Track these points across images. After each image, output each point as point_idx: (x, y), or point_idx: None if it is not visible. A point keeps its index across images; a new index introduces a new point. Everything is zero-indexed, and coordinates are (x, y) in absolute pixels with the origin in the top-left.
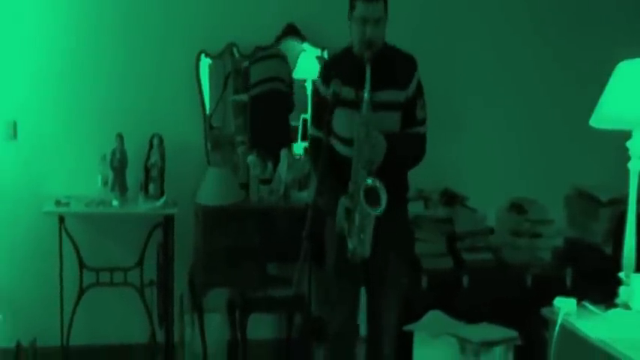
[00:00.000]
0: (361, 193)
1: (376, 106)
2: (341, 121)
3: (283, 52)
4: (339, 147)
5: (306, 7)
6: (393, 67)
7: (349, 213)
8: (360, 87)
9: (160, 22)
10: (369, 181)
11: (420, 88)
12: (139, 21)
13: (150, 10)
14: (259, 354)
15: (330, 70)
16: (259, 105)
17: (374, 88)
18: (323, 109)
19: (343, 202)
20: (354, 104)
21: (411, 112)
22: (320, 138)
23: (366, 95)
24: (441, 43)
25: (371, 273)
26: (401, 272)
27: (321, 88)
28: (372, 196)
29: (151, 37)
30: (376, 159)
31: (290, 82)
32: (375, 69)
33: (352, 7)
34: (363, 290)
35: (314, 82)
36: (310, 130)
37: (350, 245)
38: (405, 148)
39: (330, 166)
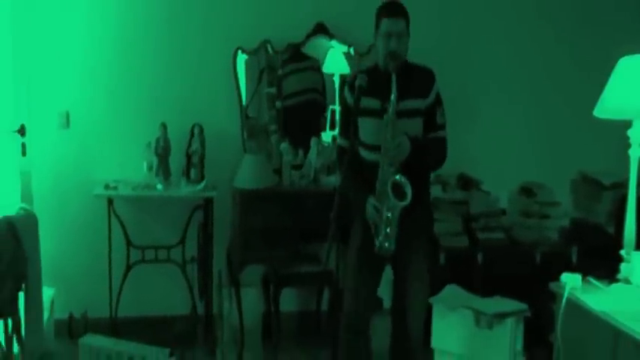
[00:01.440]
0: (389, 188)
1: (400, 114)
2: (367, 129)
3: (318, 62)
4: (365, 153)
5: (334, 8)
6: (414, 79)
7: (377, 211)
8: (385, 98)
9: (200, 21)
10: (397, 177)
11: (438, 97)
12: (182, 20)
13: (192, 9)
14: (291, 325)
15: (357, 81)
16: (293, 113)
17: (399, 98)
18: (346, 117)
19: (371, 201)
20: (379, 113)
21: (432, 118)
22: (345, 147)
23: (392, 98)
24: (459, 43)
25: (396, 266)
26: (425, 264)
27: (348, 98)
28: (398, 190)
29: (192, 34)
30: (401, 157)
31: (323, 92)
32: (398, 80)
33: (377, 26)
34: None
35: (341, 95)
36: (338, 141)
37: (378, 241)
38: (428, 149)
39: (358, 171)
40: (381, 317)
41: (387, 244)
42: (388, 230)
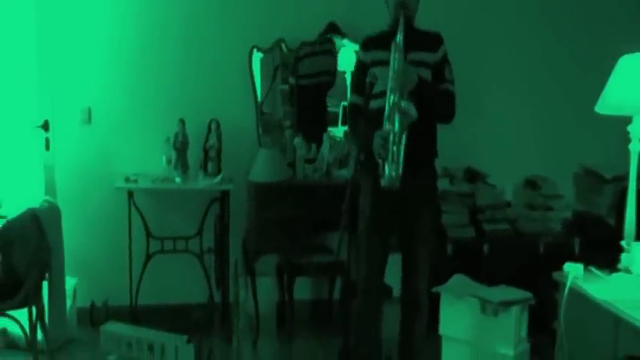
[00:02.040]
0: (395, 111)
1: (411, 64)
2: (377, 79)
3: (335, 47)
4: (374, 103)
5: (346, 8)
6: (423, 37)
7: (385, 142)
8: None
9: (217, 21)
10: (403, 103)
11: (447, 57)
12: (200, 20)
13: (209, 10)
14: (304, 313)
15: (370, 41)
16: (304, 93)
17: (407, 49)
18: (363, 73)
19: (379, 133)
20: (388, 63)
21: (440, 72)
22: (358, 104)
23: (398, 38)
24: (465, 44)
25: (402, 226)
26: (428, 227)
27: (361, 55)
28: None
29: (210, 34)
30: (409, 84)
31: (335, 74)
32: (407, 36)
33: None
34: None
35: (356, 54)
36: (350, 98)
37: (386, 171)
38: (434, 96)
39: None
40: (391, 305)
41: (393, 174)
42: (394, 158)
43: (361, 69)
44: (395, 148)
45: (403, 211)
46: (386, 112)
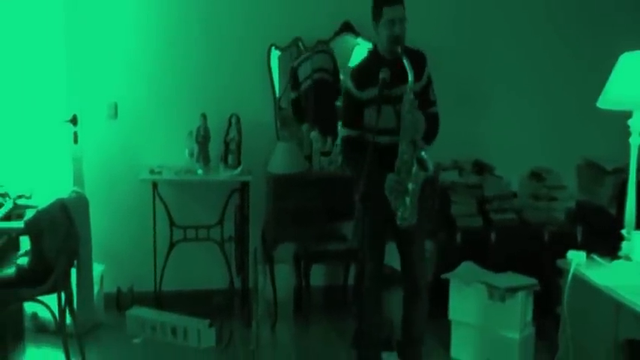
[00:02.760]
0: (415, 162)
1: (399, 98)
2: (373, 117)
3: (330, 49)
4: (381, 138)
5: (360, 7)
6: (409, 63)
7: (399, 184)
8: (390, 84)
9: (237, 20)
10: (422, 152)
11: (430, 78)
12: (221, 19)
13: (230, 10)
14: (320, 298)
15: (361, 76)
16: (311, 94)
17: (392, 84)
18: (355, 110)
19: (391, 177)
20: (377, 101)
21: (425, 96)
22: (353, 137)
23: (410, 79)
24: (473, 38)
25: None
26: (422, 233)
27: (355, 92)
28: (421, 165)
29: (230, 33)
30: (418, 134)
31: (335, 73)
32: (394, 67)
33: (379, 15)
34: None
35: (345, 88)
36: (344, 131)
37: (400, 214)
38: (428, 125)
39: (371, 156)
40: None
41: (408, 216)
42: (409, 202)
43: (356, 105)
44: (409, 199)
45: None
46: (399, 161)
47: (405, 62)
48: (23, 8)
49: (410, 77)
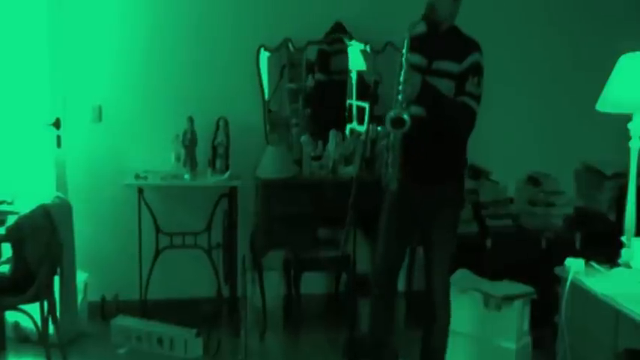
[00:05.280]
0: (387, 121)
1: (434, 73)
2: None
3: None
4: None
5: (352, 8)
6: (455, 43)
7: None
8: (427, 56)
9: (226, 20)
10: (392, 113)
11: (475, 67)
12: (209, 19)
13: (218, 10)
14: (311, 307)
15: (413, 40)
16: (322, 90)
17: (434, 57)
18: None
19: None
20: (422, 70)
21: (462, 84)
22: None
23: (406, 41)
24: None
25: (423, 237)
26: (447, 237)
27: (408, 55)
28: (398, 122)
29: (218, 33)
30: (409, 92)
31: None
32: (439, 41)
33: None
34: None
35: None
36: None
37: (384, 178)
38: (450, 109)
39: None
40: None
41: (390, 172)
42: (390, 169)
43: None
44: (391, 154)
45: (423, 215)
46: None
47: (421, 24)
48: (5, 8)
49: (405, 41)
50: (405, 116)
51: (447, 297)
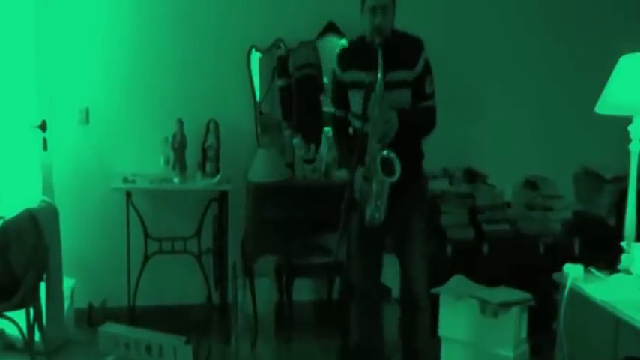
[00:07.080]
0: (378, 164)
1: (389, 85)
2: (356, 101)
3: (314, 43)
4: (356, 123)
5: (344, 7)
6: (402, 50)
7: (367, 182)
8: (371, 70)
9: (216, 20)
10: (385, 152)
11: (427, 65)
12: (198, 19)
13: (207, 9)
14: (303, 313)
15: (346, 58)
16: (299, 87)
17: (386, 70)
18: (342, 91)
19: (360, 172)
20: (366, 86)
21: (420, 88)
22: (337, 115)
23: (379, 75)
24: (466, 45)
25: (396, 239)
26: (422, 235)
27: (339, 73)
28: (387, 166)
29: (208, 33)
30: (390, 133)
31: (320, 68)
32: (386, 53)
33: (363, 1)
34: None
35: (332, 68)
36: (333, 111)
37: (368, 211)
38: (416, 120)
39: (349, 140)
40: (391, 306)
41: (377, 215)
42: (378, 203)
43: (340, 87)
44: (378, 188)
45: (394, 214)
46: (369, 157)
47: (379, 54)
48: None
49: (379, 73)
50: (397, 166)
51: (428, 297)
